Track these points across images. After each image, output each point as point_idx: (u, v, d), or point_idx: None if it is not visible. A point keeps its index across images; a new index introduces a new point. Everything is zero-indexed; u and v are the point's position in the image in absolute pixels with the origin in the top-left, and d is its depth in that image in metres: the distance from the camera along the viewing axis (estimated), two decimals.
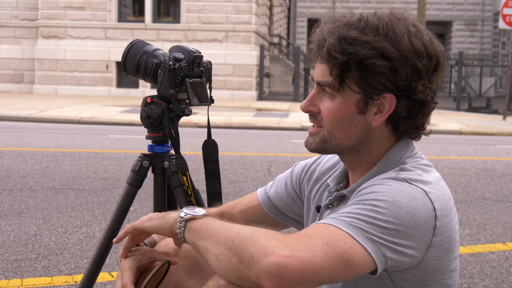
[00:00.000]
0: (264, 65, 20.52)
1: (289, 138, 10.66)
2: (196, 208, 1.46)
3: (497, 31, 34.15)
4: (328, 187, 1.68)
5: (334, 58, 1.45)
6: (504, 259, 4.02)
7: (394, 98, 1.47)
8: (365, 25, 1.46)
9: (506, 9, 16.27)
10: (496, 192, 6.24)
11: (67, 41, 20.04)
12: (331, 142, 1.54)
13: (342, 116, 1.50)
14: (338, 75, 1.47)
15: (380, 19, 1.48)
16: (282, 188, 1.82)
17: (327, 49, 1.46)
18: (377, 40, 1.44)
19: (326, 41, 1.47)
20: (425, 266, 1.43)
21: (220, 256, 1.32)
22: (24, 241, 4.06)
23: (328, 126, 1.52)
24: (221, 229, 1.35)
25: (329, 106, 1.51)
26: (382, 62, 1.44)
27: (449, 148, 10.01)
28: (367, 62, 1.44)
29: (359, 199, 1.41)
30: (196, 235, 1.39)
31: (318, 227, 1.34)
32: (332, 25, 1.50)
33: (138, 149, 8.50)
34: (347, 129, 1.51)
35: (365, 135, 1.53)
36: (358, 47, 1.44)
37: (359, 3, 33.62)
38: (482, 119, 16.77)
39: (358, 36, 1.45)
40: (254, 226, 1.36)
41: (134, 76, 2.17)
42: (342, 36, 1.46)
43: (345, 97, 1.49)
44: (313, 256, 1.26)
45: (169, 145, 2.20)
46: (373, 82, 1.45)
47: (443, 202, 1.44)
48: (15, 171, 6.54)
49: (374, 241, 1.32)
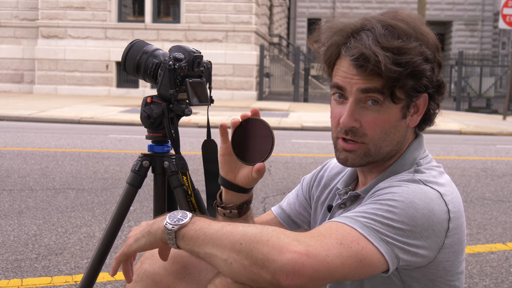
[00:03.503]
0: (264, 65, 20.52)
1: (289, 138, 10.66)
2: (178, 214, 1.41)
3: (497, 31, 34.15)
4: (337, 190, 1.68)
5: (392, 71, 1.42)
6: (504, 259, 4.02)
7: (427, 95, 1.50)
8: (399, 32, 1.45)
9: (506, 9, 16.26)
10: (496, 192, 6.24)
11: (67, 41, 20.04)
12: (375, 154, 1.52)
13: (390, 125, 1.49)
14: (390, 88, 1.44)
15: (403, 21, 1.48)
16: (294, 199, 1.84)
17: (385, 64, 1.41)
18: (418, 45, 1.45)
19: (378, 57, 1.42)
20: (435, 267, 1.44)
21: (229, 260, 1.30)
22: (24, 241, 4.06)
23: (375, 139, 1.49)
24: (222, 232, 1.33)
25: (375, 118, 1.47)
26: (428, 66, 1.45)
27: (449, 148, 10.00)
28: (418, 69, 1.44)
29: (376, 198, 1.41)
30: (193, 242, 1.36)
31: (333, 226, 1.34)
32: (363, 35, 1.45)
33: (138, 149, 8.50)
34: (393, 136, 1.51)
35: (402, 138, 1.53)
36: (409, 56, 1.43)
37: (359, 3, 33.62)
38: (482, 119, 16.77)
39: (403, 45, 1.43)
40: (254, 225, 1.35)
41: (134, 76, 2.17)
42: (391, 47, 1.43)
43: (391, 105, 1.47)
44: (327, 255, 1.27)
45: (169, 145, 2.20)
46: (419, 86, 1.46)
47: (456, 204, 1.46)
48: (15, 171, 6.54)
49: (388, 243, 1.33)
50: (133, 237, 1.49)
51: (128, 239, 1.50)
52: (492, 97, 20.76)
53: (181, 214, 1.41)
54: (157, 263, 1.69)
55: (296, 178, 6.64)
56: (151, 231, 1.44)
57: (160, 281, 1.67)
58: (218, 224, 1.36)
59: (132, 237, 1.50)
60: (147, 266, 1.70)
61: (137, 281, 1.70)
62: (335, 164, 1.78)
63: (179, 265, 1.67)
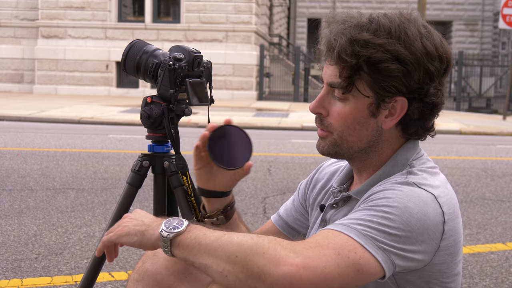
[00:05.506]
0: (264, 65, 20.52)
1: (289, 138, 10.66)
2: (175, 221, 1.38)
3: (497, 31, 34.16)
4: (332, 189, 1.68)
5: (345, 61, 1.42)
6: (504, 259, 4.02)
7: (406, 101, 1.46)
8: (377, 27, 1.44)
9: (506, 9, 16.27)
10: (496, 192, 6.24)
11: (67, 41, 20.04)
12: (342, 146, 1.52)
13: (353, 120, 1.48)
14: (348, 78, 1.44)
15: (391, 20, 1.45)
16: (291, 205, 1.84)
17: (338, 51, 1.43)
18: (390, 43, 1.42)
19: (337, 42, 1.44)
20: (430, 269, 1.44)
21: (224, 273, 1.28)
22: (24, 241, 4.06)
23: (339, 130, 1.50)
24: (217, 243, 1.30)
25: (340, 110, 1.48)
26: (396, 66, 1.42)
27: (449, 148, 10.00)
28: (381, 66, 1.42)
29: (371, 204, 1.40)
30: (188, 252, 1.34)
31: (329, 235, 1.33)
32: (341, 25, 1.47)
33: (138, 149, 8.50)
34: (359, 132, 1.50)
35: (376, 138, 1.51)
36: (371, 50, 1.41)
37: (360, 3, 33.61)
38: (482, 119, 16.77)
39: (370, 39, 1.42)
40: (251, 235, 1.34)
41: (134, 76, 2.17)
42: (354, 38, 1.43)
43: (357, 100, 1.47)
44: (325, 267, 1.26)
45: (169, 145, 2.20)
46: (386, 86, 1.44)
47: (451, 206, 1.44)
48: (15, 171, 6.54)
49: (384, 250, 1.33)
50: (125, 230, 1.45)
51: (121, 228, 1.45)
52: (492, 97, 20.77)
53: (177, 222, 1.38)
54: (158, 262, 1.69)
55: (296, 178, 6.64)
56: (145, 234, 1.41)
57: (162, 281, 1.67)
58: (214, 234, 1.33)
59: (125, 229, 1.45)
60: (149, 266, 1.70)
61: (138, 280, 1.70)
62: (330, 165, 1.78)
63: (181, 265, 1.66)
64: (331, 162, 1.80)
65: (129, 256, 3.68)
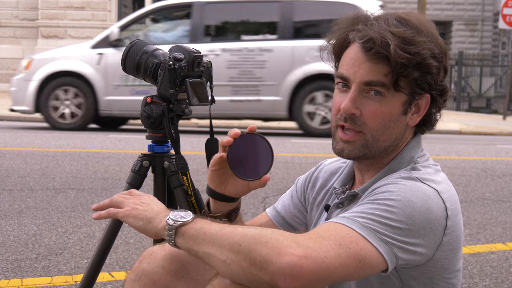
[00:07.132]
0: None
1: (289, 138, 10.67)
2: (182, 212, 1.43)
3: (497, 31, 34.16)
4: (334, 190, 1.68)
5: (402, 57, 1.41)
6: (504, 259, 4.02)
7: (429, 97, 1.50)
8: (411, 25, 1.46)
9: (506, 9, 16.27)
10: (496, 192, 6.24)
11: (67, 41, 20.02)
12: (373, 146, 1.51)
13: (390, 118, 1.48)
14: (396, 75, 1.44)
15: (416, 19, 1.48)
16: (289, 201, 1.83)
17: (394, 48, 1.41)
18: (428, 41, 1.45)
19: (387, 40, 1.42)
20: (433, 265, 1.45)
21: (227, 261, 1.30)
22: (24, 241, 4.06)
23: (374, 130, 1.49)
24: (222, 233, 1.34)
25: (376, 109, 1.47)
26: (434, 63, 1.45)
27: (449, 148, 10.01)
28: (425, 63, 1.44)
29: (373, 198, 1.41)
30: (192, 241, 1.37)
31: (331, 227, 1.34)
32: (378, 24, 1.46)
33: (138, 149, 8.50)
34: (391, 131, 1.50)
35: (401, 135, 1.53)
36: (418, 47, 1.43)
37: None
38: (482, 119, 16.77)
39: (414, 36, 1.43)
40: (254, 226, 1.36)
41: (134, 76, 2.17)
42: (402, 36, 1.43)
43: (393, 98, 1.47)
44: (326, 257, 1.27)
45: (169, 145, 2.20)
46: (423, 83, 1.46)
47: (453, 202, 1.46)
48: (15, 171, 6.54)
49: (387, 242, 1.33)
50: (134, 212, 1.48)
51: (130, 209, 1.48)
52: (492, 97, 20.79)
53: (184, 213, 1.43)
54: (155, 262, 1.69)
55: (296, 178, 6.63)
56: (151, 221, 1.45)
57: (159, 280, 1.67)
58: (219, 225, 1.37)
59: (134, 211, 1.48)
60: (146, 265, 1.70)
61: (135, 280, 1.70)
62: (330, 164, 1.78)
63: (178, 264, 1.67)
64: (331, 160, 1.80)
65: (129, 256, 3.68)
